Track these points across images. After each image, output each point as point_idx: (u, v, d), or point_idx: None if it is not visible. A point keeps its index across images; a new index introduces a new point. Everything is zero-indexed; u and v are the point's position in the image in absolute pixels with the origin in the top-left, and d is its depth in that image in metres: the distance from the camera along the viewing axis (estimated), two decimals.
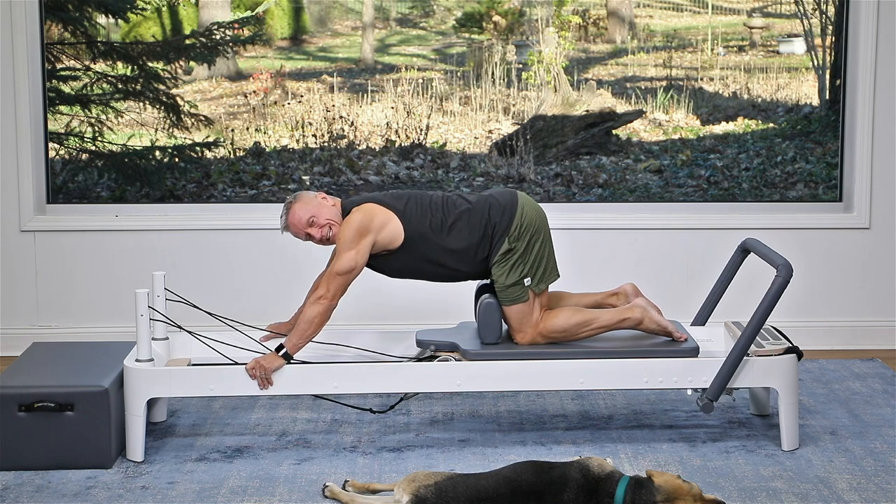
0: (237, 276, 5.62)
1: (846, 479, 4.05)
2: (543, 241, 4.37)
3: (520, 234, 4.32)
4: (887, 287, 5.72)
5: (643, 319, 4.41)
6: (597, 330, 4.40)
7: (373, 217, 4.25)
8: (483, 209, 4.33)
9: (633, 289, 4.54)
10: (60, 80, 5.64)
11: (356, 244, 4.21)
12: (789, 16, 5.86)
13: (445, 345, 4.36)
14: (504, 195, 4.39)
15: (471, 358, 4.30)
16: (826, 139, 5.76)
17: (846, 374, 5.24)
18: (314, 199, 4.34)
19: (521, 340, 4.36)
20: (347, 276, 4.21)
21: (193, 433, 4.51)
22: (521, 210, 4.34)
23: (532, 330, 4.35)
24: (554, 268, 4.41)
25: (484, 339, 4.37)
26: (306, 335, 4.21)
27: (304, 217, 4.32)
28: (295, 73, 5.80)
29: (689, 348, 4.36)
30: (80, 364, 4.41)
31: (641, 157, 5.80)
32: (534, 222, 4.34)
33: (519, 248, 4.32)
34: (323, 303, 4.20)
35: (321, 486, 3.97)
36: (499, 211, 4.33)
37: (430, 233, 4.30)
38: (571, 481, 3.61)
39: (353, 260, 4.20)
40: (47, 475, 4.09)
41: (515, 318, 4.35)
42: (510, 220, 4.31)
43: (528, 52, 5.80)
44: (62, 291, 5.61)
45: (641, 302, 4.44)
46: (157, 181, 5.69)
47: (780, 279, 4.20)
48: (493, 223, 4.31)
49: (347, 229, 4.23)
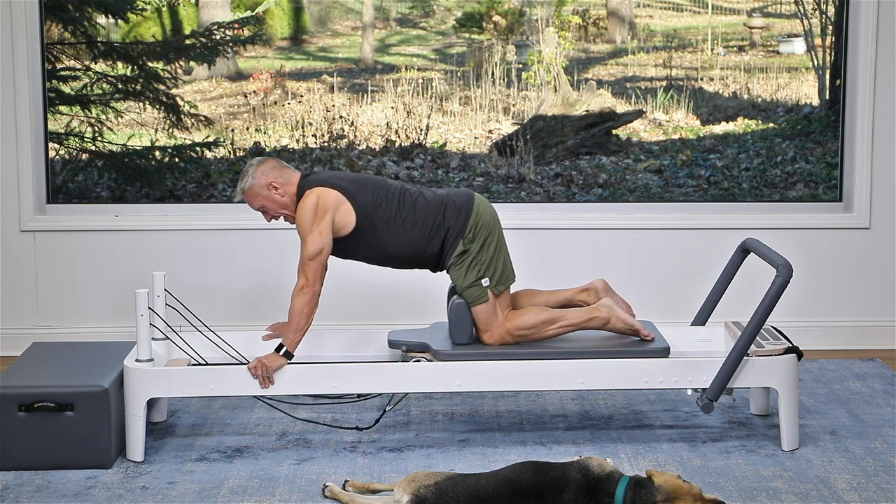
0: (237, 276, 5.62)
1: (846, 479, 4.05)
2: (498, 242, 4.39)
3: (474, 235, 4.34)
4: (887, 287, 5.72)
5: (610, 318, 4.42)
6: (564, 329, 4.41)
7: (327, 197, 4.28)
8: (438, 209, 4.35)
9: (604, 285, 4.55)
10: (60, 80, 5.64)
11: (318, 225, 4.24)
12: (789, 16, 5.86)
13: (417, 345, 4.37)
14: (460, 196, 4.41)
15: (442, 358, 4.30)
16: (826, 139, 5.76)
17: (846, 374, 5.24)
18: (265, 190, 4.33)
19: (489, 340, 4.38)
20: (319, 257, 4.23)
21: (193, 433, 4.51)
22: (476, 211, 4.36)
23: (498, 329, 4.37)
24: (511, 270, 4.43)
25: (455, 339, 4.38)
26: (300, 328, 4.24)
27: (255, 205, 4.38)
28: (295, 73, 5.80)
29: (658, 348, 4.36)
30: (80, 364, 4.41)
31: (641, 157, 5.80)
32: (488, 224, 4.37)
33: (473, 250, 4.34)
34: (306, 291, 4.23)
35: (321, 486, 3.97)
36: (454, 212, 4.35)
37: (381, 224, 4.32)
38: (571, 481, 3.61)
39: (319, 241, 4.23)
40: (47, 475, 4.09)
41: (480, 318, 4.37)
42: (465, 222, 4.34)
43: (528, 52, 5.80)
44: (62, 291, 5.61)
45: (608, 301, 4.46)
46: (157, 181, 5.69)
47: (780, 279, 4.21)
48: (446, 225, 4.33)
49: (304, 214, 4.26)
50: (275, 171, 4.36)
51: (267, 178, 4.34)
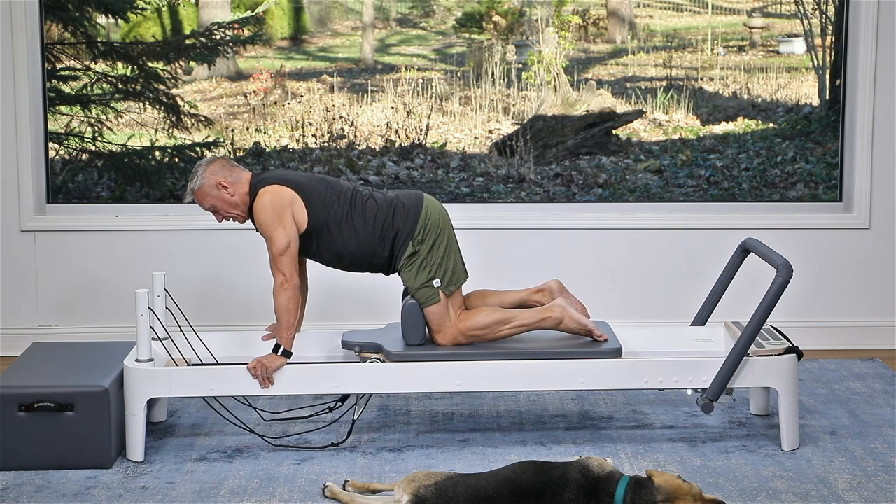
0: (237, 276, 5.62)
1: (846, 479, 4.05)
2: (448, 242, 4.40)
3: (424, 236, 4.35)
4: (887, 287, 5.71)
5: (563, 319, 4.42)
6: (516, 329, 4.41)
7: (282, 195, 4.29)
8: (387, 211, 4.36)
9: (558, 285, 4.55)
10: (60, 80, 5.64)
11: (280, 221, 4.25)
12: (789, 16, 5.86)
13: (370, 346, 4.38)
14: (409, 197, 4.41)
15: (394, 359, 4.31)
16: (826, 139, 5.76)
17: (846, 374, 5.24)
18: (214, 189, 4.33)
19: (442, 341, 4.39)
20: (288, 251, 4.25)
21: (193, 433, 4.51)
22: (425, 212, 4.37)
23: (451, 330, 4.37)
24: (462, 269, 4.44)
25: (408, 340, 4.39)
26: (291, 324, 4.26)
27: (206, 205, 4.38)
28: (295, 73, 5.80)
29: (611, 349, 4.36)
30: (80, 364, 4.41)
31: (641, 157, 5.80)
32: (437, 224, 4.37)
33: (423, 251, 4.35)
34: (286, 287, 4.25)
35: (321, 486, 3.97)
36: (403, 214, 4.35)
37: (332, 225, 4.33)
38: (571, 481, 3.61)
39: (286, 235, 4.25)
40: (47, 475, 4.09)
41: (433, 319, 4.37)
42: (414, 224, 4.35)
43: (528, 52, 5.80)
44: (62, 291, 5.61)
45: (561, 301, 4.46)
46: (157, 181, 5.69)
47: (780, 279, 4.21)
48: (395, 227, 4.34)
49: (264, 213, 4.27)
50: (224, 170, 4.35)
51: (216, 177, 4.33)
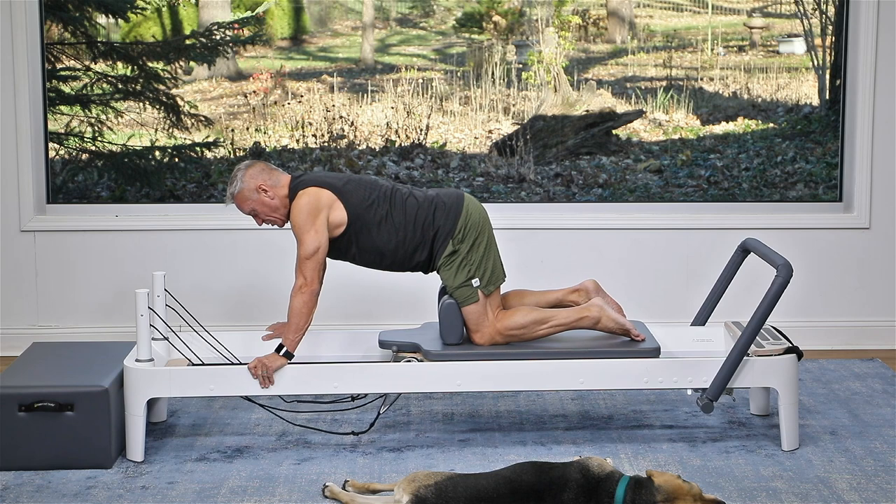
0: (237, 276, 5.62)
1: (846, 479, 4.05)
2: (488, 242, 4.39)
3: (464, 235, 4.34)
4: (887, 287, 5.71)
5: (601, 318, 4.41)
6: (554, 328, 4.41)
7: (319, 197, 4.28)
8: (428, 209, 4.35)
9: (595, 285, 4.55)
10: (60, 80, 5.64)
11: (312, 224, 4.24)
12: (789, 16, 5.86)
13: (407, 345, 4.37)
14: (450, 196, 4.41)
15: (432, 358, 4.30)
16: (826, 139, 5.76)
17: (846, 374, 5.24)
18: (254, 193, 4.33)
19: (479, 341, 4.38)
20: (315, 256, 4.23)
21: (193, 433, 4.51)
22: (466, 211, 4.36)
23: (489, 329, 4.37)
24: (501, 269, 4.43)
25: (446, 339, 4.38)
26: (300, 328, 4.24)
27: (246, 209, 4.39)
28: (295, 73, 5.80)
29: (649, 348, 4.36)
30: (80, 364, 4.41)
31: (641, 157, 5.80)
32: (478, 224, 4.37)
33: (463, 250, 4.34)
34: (305, 290, 4.23)
35: (321, 486, 3.97)
36: (443, 212, 4.35)
37: (373, 225, 4.32)
38: (571, 481, 3.61)
39: (316, 240, 4.23)
40: (47, 475, 4.09)
41: (471, 318, 4.37)
42: (454, 222, 4.34)
43: (528, 52, 5.80)
44: (62, 291, 5.61)
45: (599, 301, 4.45)
46: (157, 181, 5.69)
47: (780, 279, 4.21)
48: (436, 225, 4.34)
49: (299, 214, 4.26)
50: (263, 173, 4.35)
51: (256, 181, 4.33)
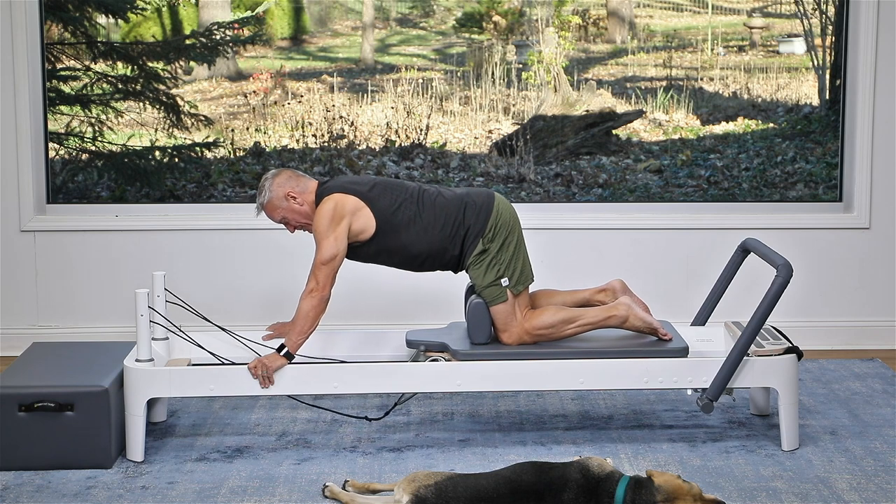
0: (237, 276, 5.62)
1: (846, 479, 4.05)
2: (517, 242, 4.39)
3: (494, 234, 4.34)
4: (887, 287, 5.72)
5: (628, 317, 4.41)
6: (582, 327, 4.40)
7: (344, 203, 4.27)
8: (458, 208, 4.34)
9: (621, 285, 4.54)
10: (60, 80, 5.64)
11: (333, 231, 4.23)
12: (789, 16, 5.86)
13: (435, 345, 4.37)
14: (480, 195, 4.40)
15: (460, 358, 4.30)
16: (826, 139, 5.76)
17: (846, 374, 5.24)
18: (283, 201, 4.34)
19: (508, 340, 4.37)
20: (331, 263, 4.23)
21: (193, 433, 4.51)
22: (496, 210, 4.35)
23: (517, 329, 4.36)
24: (529, 270, 4.43)
25: (473, 339, 4.38)
26: (305, 331, 4.23)
27: (276, 217, 4.39)
28: (295, 73, 5.80)
29: (677, 348, 4.36)
30: (80, 364, 4.41)
31: (641, 157, 5.80)
32: (508, 223, 4.36)
33: (493, 249, 4.33)
34: (315, 295, 4.22)
35: (321, 486, 3.97)
36: (474, 212, 4.34)
37: (401, 227, 4.31)
38: (571, 481, 3.61)
39: (334, 247, 4.22)
40: (47, 475, 4.09)
41: (499, 318, 4.36)
42: (485, 221, 4.33)
43: (528, 52, 5.80)
44: (62, 291, 5.61)
45: (626, 300, 4.45)
46: (157, 181, 5.69)
47: (780, 279, 4.20)
48: (466, 224, 4.33)
49: (321, 219, 4.25)
50: (291, 180, 4.35)
51: (284, 189, 4.33)
